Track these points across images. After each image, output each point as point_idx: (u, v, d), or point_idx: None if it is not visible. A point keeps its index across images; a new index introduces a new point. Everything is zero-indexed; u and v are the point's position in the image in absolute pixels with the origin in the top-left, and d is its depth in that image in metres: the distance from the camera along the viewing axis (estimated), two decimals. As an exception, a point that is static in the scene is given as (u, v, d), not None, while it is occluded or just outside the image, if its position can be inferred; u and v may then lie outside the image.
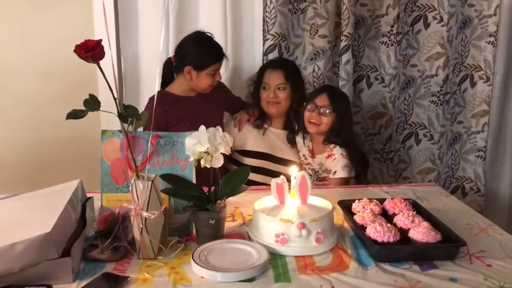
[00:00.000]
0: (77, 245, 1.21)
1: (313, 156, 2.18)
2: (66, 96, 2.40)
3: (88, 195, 1.51)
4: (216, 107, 2.26)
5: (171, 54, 2.35)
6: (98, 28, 2.32)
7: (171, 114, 2.10)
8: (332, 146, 2.10)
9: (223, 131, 2.17)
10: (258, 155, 2.26)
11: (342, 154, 2.06)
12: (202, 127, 1.28)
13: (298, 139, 2.26)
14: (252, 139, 2.29)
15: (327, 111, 2.06)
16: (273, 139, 2.30)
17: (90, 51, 1.07)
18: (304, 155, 2.22)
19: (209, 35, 2.14)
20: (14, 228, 1.18)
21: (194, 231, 1.39)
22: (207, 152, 1.24)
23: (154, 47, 2.38)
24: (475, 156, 2.67)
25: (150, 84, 2.42)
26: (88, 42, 1.10)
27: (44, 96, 2.43)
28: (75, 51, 1.09)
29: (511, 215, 2.71)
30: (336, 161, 2.07)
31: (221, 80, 2.24)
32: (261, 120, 2.30)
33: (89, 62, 1.11)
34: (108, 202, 1.41)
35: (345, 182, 2.07)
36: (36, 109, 2.45)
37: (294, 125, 2.29)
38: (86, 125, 1.89)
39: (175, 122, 2.11)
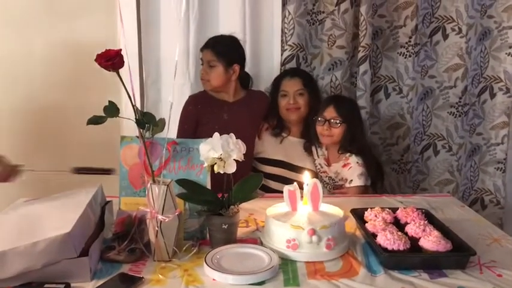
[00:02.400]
0: (95, 246, 1.26)
1: (329, 165, 2.20)
2: (91, 103, 2.47)
3: (108, 199, 1.57)
4: (252, 116, 2.30)
5: (191, 63, 2.42)
6: (122, 38, 2.40)
7: (203, 113, 2.21)
8: (348, 154, 2.12)
9: (258, 138, 2.31)
10: (275, 163, 2.29)
11: (357, 163, 2.08)
12: (216, 134, 1.32)
13: (313, 148, 2.29)
14: (270, 147, 2.32)
15: (337, 122, 2.08)
16: (290, 147, 2.32)
17: (110, 60, 1.13)
18: (320, 164, 2.24)
19: (227, 36, 2.23)
20: (37, 228, 1.23)
21: (208, 235, 1.43)
22: (220, 158, 1.28)
23: (174, 58, 2.44)
24: (495, 168, 2.65)
25: (170, 92, 2.48)
26: (108, 51, 1.16)
27: (69, 104, 2.51)
28: (96, 60, 1.15)
29: (531, 228, 2.67)
30: (352, 170, 2.08)
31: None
32: (279, 128, 2.34)
33: (109, 71, 1.17)
34: (125, 206, 1.46)
35: (362, 190, 2.08)
36: (61, 116, 2.53)
37: (310, 134, 2.32)
38: (108, 132, 1.96)
39: (204, 121, 2.21)
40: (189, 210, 1.44)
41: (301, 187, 1.45)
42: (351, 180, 2.08)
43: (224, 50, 2.19)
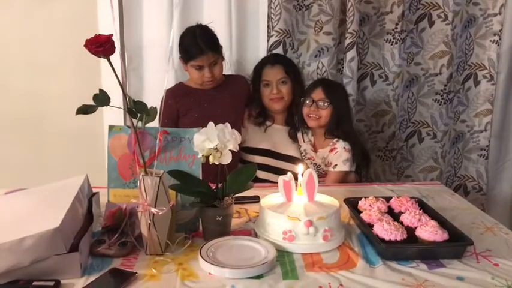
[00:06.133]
0: (84, 240, 1.21)
1: (315, 150, 2.19)
2: (69, 91, 2.40)
3: (94, 190, 1.51)
4: (234, 101, 2.24)
5: (175, 49, 2.35)
6: (102, 23, 2.32)
7: (182, 104, 2.16)
8: (335, 140, 2.12)
9: (242, 126, 2.26)
10: (260, 152, 2.26)
11: (344, 148, 2.08)
12: (211, 123, 1.27)
13: (299, 134, 2.27)
14: (254, 136, 2.28)
15: (325, 104, 2.09)
16: (275, 135, 2.29)
17: (101, 46, 1.07)
18: (305, 150, 2.23)
19: (201, 29, 2.11)
20: (23, 223, 1.17)
21: (200, 228, 1.39)
22: (216, 148, 1.23)
23: (158, 42, 2.38)
24: (478, 155, 2.67)
25: (153, 79, 2.42)
26: (98, 37, 1.10)
27: (47, 92, 2.42)
28: (85, 45, 1.09)
29: (513, 214, 2.72)
30: (338, 155, 2.08)
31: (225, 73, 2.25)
32: (263, 117, 2.30)
33: (99, 57, 1.11)
34: (115, 197, 1.41)
35: (344, 175, 2.09)
36: (39, 104, 2.45)
37: (295, 120, 2.29)
38: (89, 120, 1.89)
39: (184, 112, 2.16)
40: (180, 201, 1.39)
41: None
42: (335, 165, 2.08)
43: (215, 42, 2.11)
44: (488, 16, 2.51)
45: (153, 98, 2.19)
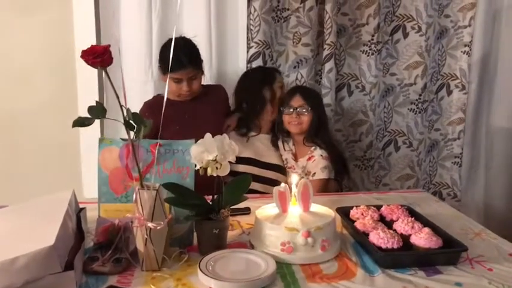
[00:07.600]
0: (78, 258, 1.16)
1: (296, 160, 2.20)
2: (45, 101, 2.33)
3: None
4: (214, 111, 2.23)
5: (154, 60, 2.33)
6: (78, 33, 2.27)
7: (163, 117, 2.09)
8: (313, 148, 2.15)
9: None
10: (243, 161, 2.24)
11: (321, 156, 2.11)
12: (208, 135, 1.25)
13: (279, 143, 2.28)
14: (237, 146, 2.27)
15: (305, 110, 2.13)
16: (257, 144, 2.29)
17: (99, 57, 1.04)
18: (286, 159, 2.23)
19: (184, 42, 2.09)
20: (13, 242, 1.12)
21: (195, 241, 1.36)
22: (215, 160, 1.22)
23: (136, 55, 2.34)
24: (452, 162, 2.74)
25: (131, 90, 2.37)
26: (94, 47, 1.07)
27: (22, 102, 2.34)
28: (82, 57, 1.06)
29: (485, 220, 2.77)
30: (316, 163, 2.11)
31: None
32: (246, 128, 2.29)
33: (97, 68, 1.08)
34: (106, 212, 1.37)
35: (324, 183, 2.10)
36: (14, 115, 2.36)
37: (275, 129, 2.29)
38: (64, 132, 1.83)
39: (165, 125, 2.10)
40: (174, 215, 1.36)
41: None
42: (314, 173, 2.10)
43: (197, 57, 2.11)
44: (459, 28, 2.60)
45: (132, 110, 2.16)
